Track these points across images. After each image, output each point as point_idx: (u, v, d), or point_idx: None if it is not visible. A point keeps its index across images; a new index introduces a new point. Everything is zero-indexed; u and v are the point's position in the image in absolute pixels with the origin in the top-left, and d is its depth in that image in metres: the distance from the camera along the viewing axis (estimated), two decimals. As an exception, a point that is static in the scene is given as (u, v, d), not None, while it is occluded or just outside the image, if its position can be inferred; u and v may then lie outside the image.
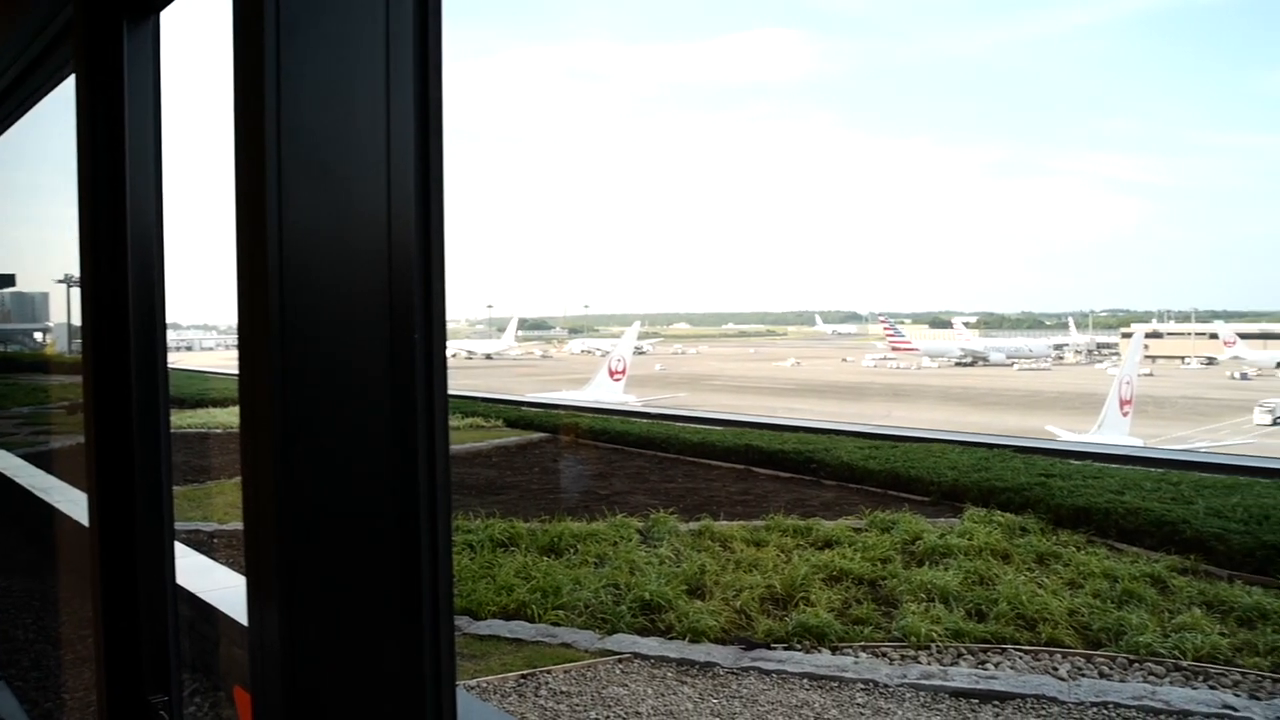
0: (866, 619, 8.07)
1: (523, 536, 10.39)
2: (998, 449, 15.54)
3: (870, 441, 16.76)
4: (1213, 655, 7.31)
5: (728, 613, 8.14)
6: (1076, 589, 8.81)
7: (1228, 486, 12.25)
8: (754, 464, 15.99)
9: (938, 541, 10.17)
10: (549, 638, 7.71)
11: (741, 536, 10.58)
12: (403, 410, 1.52)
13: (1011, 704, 6.47)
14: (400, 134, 1.59)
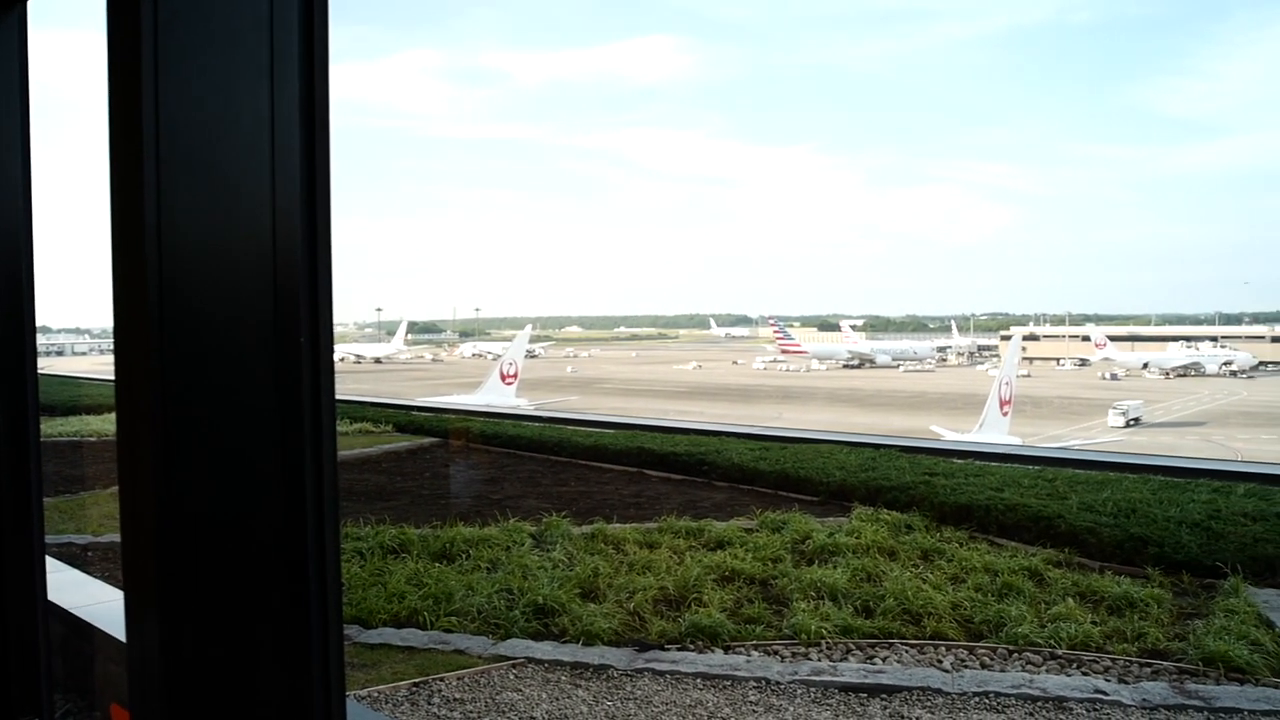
0: (758, 618, 8.16)
1: (414, 543, 10.24)
2: (884, 449, 15.90)
3: (761, 443, 16.98)
4: (1085, 643, 7.61)
5: (621, 615, 8.16)
6: (959, 583, 9.07)
7: (1098, 482, 12.77)
8: (646, 466, 16.05)
9: (827, 540, 10.36)
10: (442, 644, 7.61)
11: (634, 539, 10.61)
12: (288, 415, 1.48)
13: (899, 697, 6.62)
14: (285, 133, 1.55)
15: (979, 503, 11.51)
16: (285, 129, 1.52)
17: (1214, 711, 6.35)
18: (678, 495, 13.88)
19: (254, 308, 1.48)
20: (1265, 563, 9.33)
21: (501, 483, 15.34)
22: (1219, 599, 8.63)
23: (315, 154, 1.55)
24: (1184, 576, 9.38)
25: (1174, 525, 10.29)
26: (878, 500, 12.34)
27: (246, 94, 1.49)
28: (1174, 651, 7.49)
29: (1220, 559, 9.39)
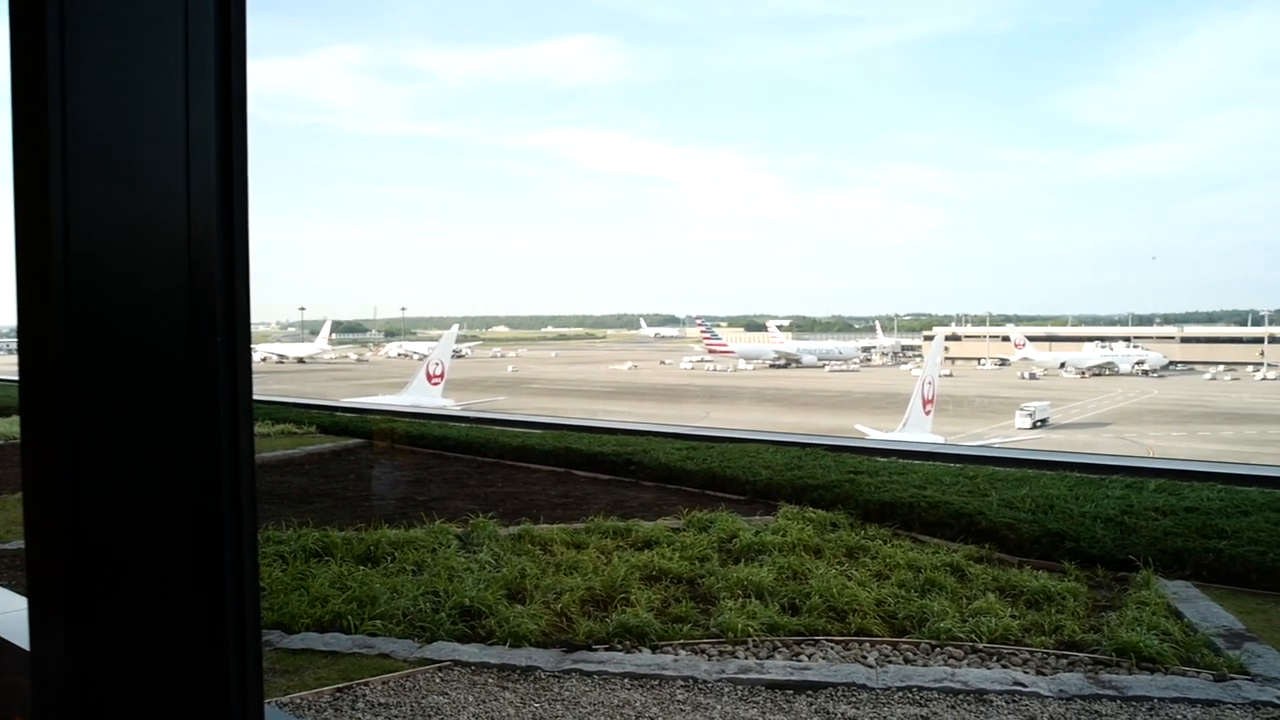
0: (685, 617, 8.19)
1: (338, 545, 10.08)
2: (810, 448, 16.07)
3: (688, 443, 17.05)
4: (1005, 637, 7.77)
5: (548, 616, 8.13)
6: (883, 580, 9.20)
7: (1017, 479, 13.05)
8: (574, 467, 16.02)
9: (753, 539, 10.44)
10: (366, 649, 7.51)
11: (562, 539, 10.58)
12: (204, 417, 1.45)
13: (824, 693, 6.69)
14: (201, 130, 1.52)
15: (902, 500, 11.70)
16: (201, 124, 1.49)
17: (1126, 700, 6.53)
18: (605, 495, 13.88)
19: (168, 308, 1.44)
20: (1174, 555, 9.62)
21: (427, 484, 15.19)
22: (1131, 591, 8.88)
23: (233, 150, 1.52)
24: (1099, 570, 9.64)
25: (1089, 521, 10.57)
26: (803, 499, 12.47)
27: (160, 87, 1.46)
28: (1089, 643, 7.69)
29: (1133, 552, 9.67)
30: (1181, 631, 7.79)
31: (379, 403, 46.60)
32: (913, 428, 53.49)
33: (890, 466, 14.17)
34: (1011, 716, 6.32)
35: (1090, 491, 12.09)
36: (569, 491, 14.38)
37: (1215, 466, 16.06)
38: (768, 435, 19.19)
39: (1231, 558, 9.36)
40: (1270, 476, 13.93)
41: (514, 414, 37.89)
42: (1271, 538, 9.72)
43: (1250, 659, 7.24)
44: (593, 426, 21.56)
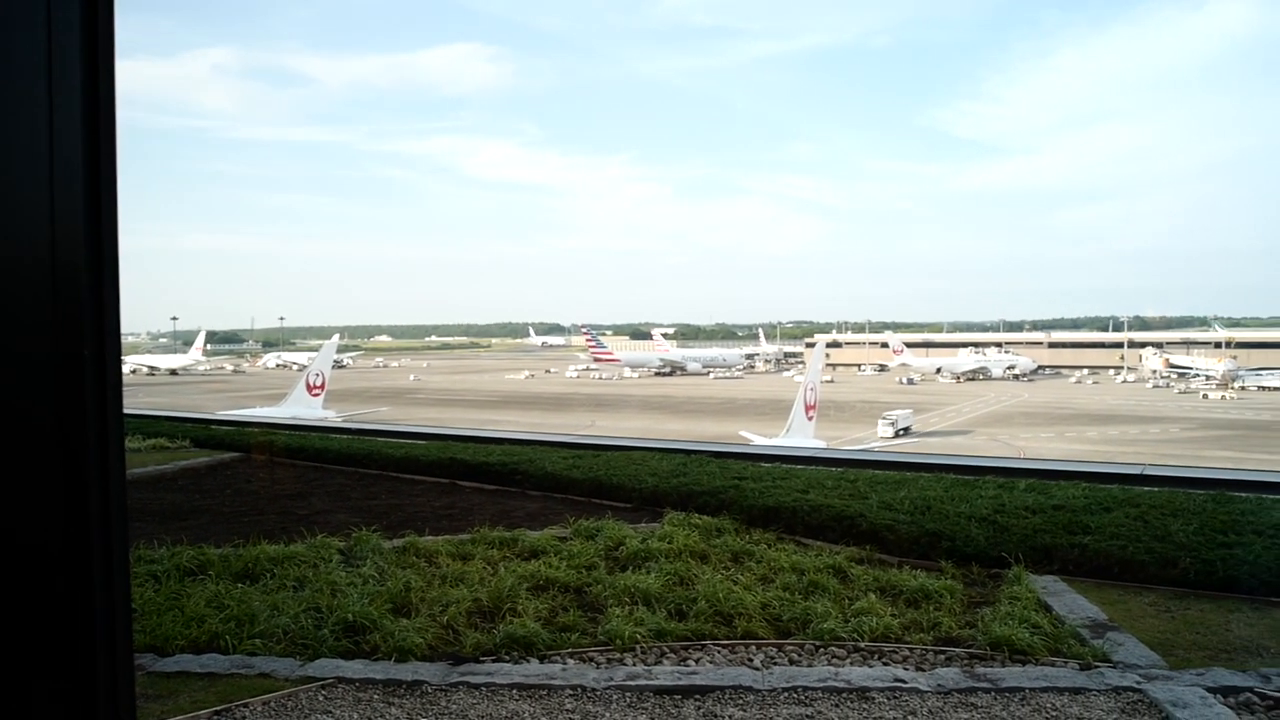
0: (573, 625, 8.17)
1: (214, 563, 9.76)
2: (695, 454, 16.24)
3: (574, 451, 17.05)
4: (886, 635, 7.96)
5: (435, 628, 8.01)
6: (768, 583, 9.33)
7: (896, 481, 13.42)
8: (459, 477, 15.87)
9: (640, 546, 10.47)
10: (245, 669, 7.29)
11: (447, 551, 10.45)
12: (71, 432, 1.39)
13: (712, 696, 6.75)
14: (66, 133, 1.45)
15: (786, 505, 11.90)
16: (66, 128, 1.44)
17: (1000, 692, 6.76)
18: (491, 505, 13.77)
19: (30, 318, 1.38)
20: (1043, 551, 10.01)
21: (308, 497, 14.83)
22: (1004, 587, 9.21)
23: (100, 155, 1.47)
24: (974, 568, 9.96)
25: (964, 520, 10.92)
26: (689, 505, 12.59)
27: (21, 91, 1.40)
28: (965, 638, 7.94)
29: (1005, 550, 10.03)
30: (1050, 624, 8.11)
31: (257, 415, 45.45)
32: (796, 433, 54.52)
33: (774, 471, 14.40)
34: (893, 712, 6.48)
35: (965, 492, 12.50)
36: (454, 502, 14.22)
37: (1080, 465, 16.80)
38: (653, 443, 19.33)
39: (1095, 552, 9.80)
40: (1129, 474, 14.64)
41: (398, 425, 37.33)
42: (1131, 532, 10.20)
43: (1112, 647, 7.58)
44: (478, 436, 21.41)
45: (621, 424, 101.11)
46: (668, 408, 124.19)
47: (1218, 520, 10.53)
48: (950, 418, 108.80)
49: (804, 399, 55.15)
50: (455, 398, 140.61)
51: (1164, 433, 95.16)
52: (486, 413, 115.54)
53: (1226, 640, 7.91)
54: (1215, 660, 7.39)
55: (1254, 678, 6.93)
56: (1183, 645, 7.77)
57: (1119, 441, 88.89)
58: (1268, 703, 6.56)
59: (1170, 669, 7.18)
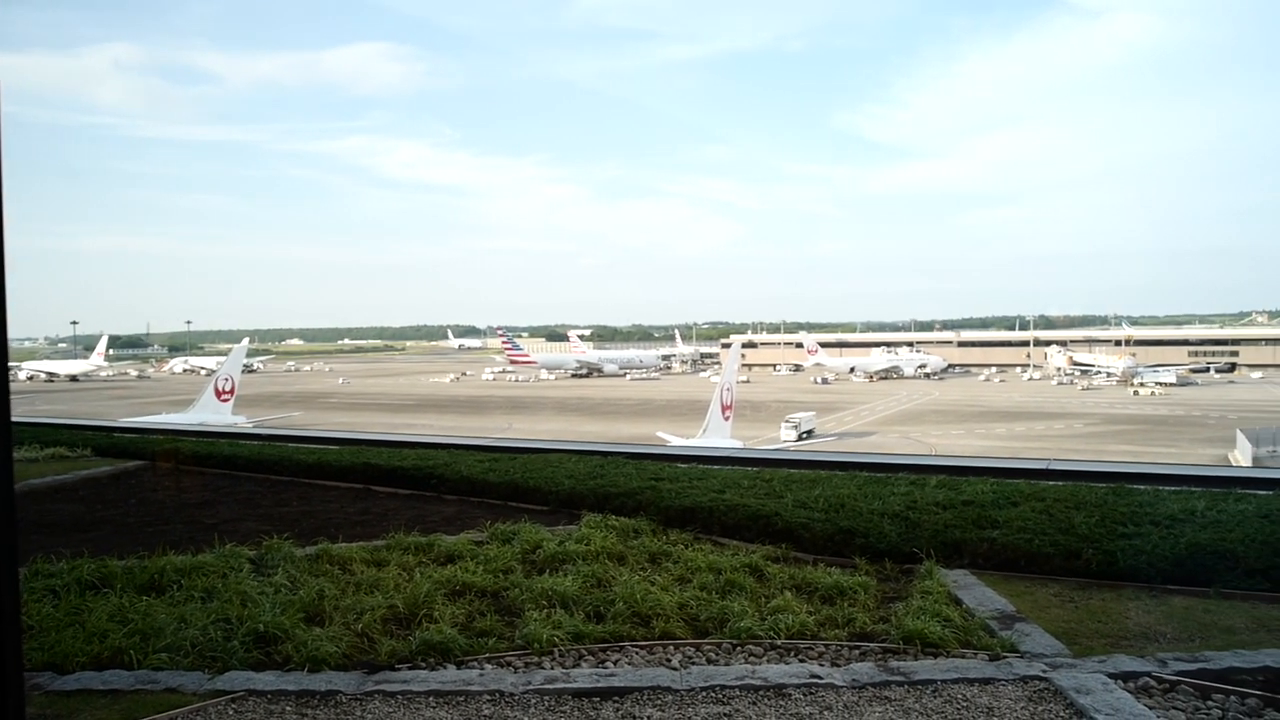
0: (491, 630, 8.11)
1: (117, 576, 9.44)
2: (612, 456, 16.24)
3: (490, 455, 16.95)
4: (802, 632, 8.06)
5: (349, 637, 7.87)
6: (686, 584, 9.37)
7: (811, 480, 13.58)
8: (373, 482, 15.67)
9: (557, 549, 10.44)
10: (151, 684, 7.07)
11: (362, 557, 10.29)
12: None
13: (630, 698, 6.75)
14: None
15: (702, 505, 11.96)
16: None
17: (913, 685, 6.88)
18: (406, 510, 13.61)
19: (-92, 324, 1.32)
20: (954, 546, 10.23)
21: (216, 506, 14.48)
22: (916, 582, 9.39)
23: (-17, 154, 1.41)
24: (887, 564, 10.14)
25: (877, 517, 11.10)
26: (606, 507, 12.59)
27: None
28: (879, 633, 8.08)
29: (917, 545, 10.23)
30: (961, 617, 8.29)
31: (163, 421, 44.31)
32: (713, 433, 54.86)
33: (691, 472, 14.47)
34: (809, 708, 6.55)
35: (878, 489, 12.70)
36: (369, 508, 14.02)
37: (988, 462, 17.21)
38: (570, 445, 19.30)
39: (1003, 545, 10.04)
40: (1035, 469, 15.05)
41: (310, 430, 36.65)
42: (1037, 525, 10.48)
43: (1020, 638, 7.79)
44: (393, 440, 21.14)
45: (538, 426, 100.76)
46: (584, 409, 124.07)
47: (1118, 512, 10.87)
48: (864, 417, 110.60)
49: (720, 399, 55.55)
50: (370, 402, 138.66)
51: (1068, 428, 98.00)
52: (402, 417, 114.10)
53: (1126, 628, 8.17)
54: (1116, 647, 7.63)
55: (1152, 663, 7.18)
56: (1086, 634, 8.01)
57: (1026, 437, 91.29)
58: (1164, 686, 6.80)
59: (1074, 657, 7.40)
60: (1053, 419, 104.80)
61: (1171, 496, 11.77)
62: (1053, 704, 6.56)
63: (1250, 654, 7.30)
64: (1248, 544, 9.46)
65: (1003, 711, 6.45)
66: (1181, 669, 7.04)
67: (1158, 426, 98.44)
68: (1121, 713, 6.27)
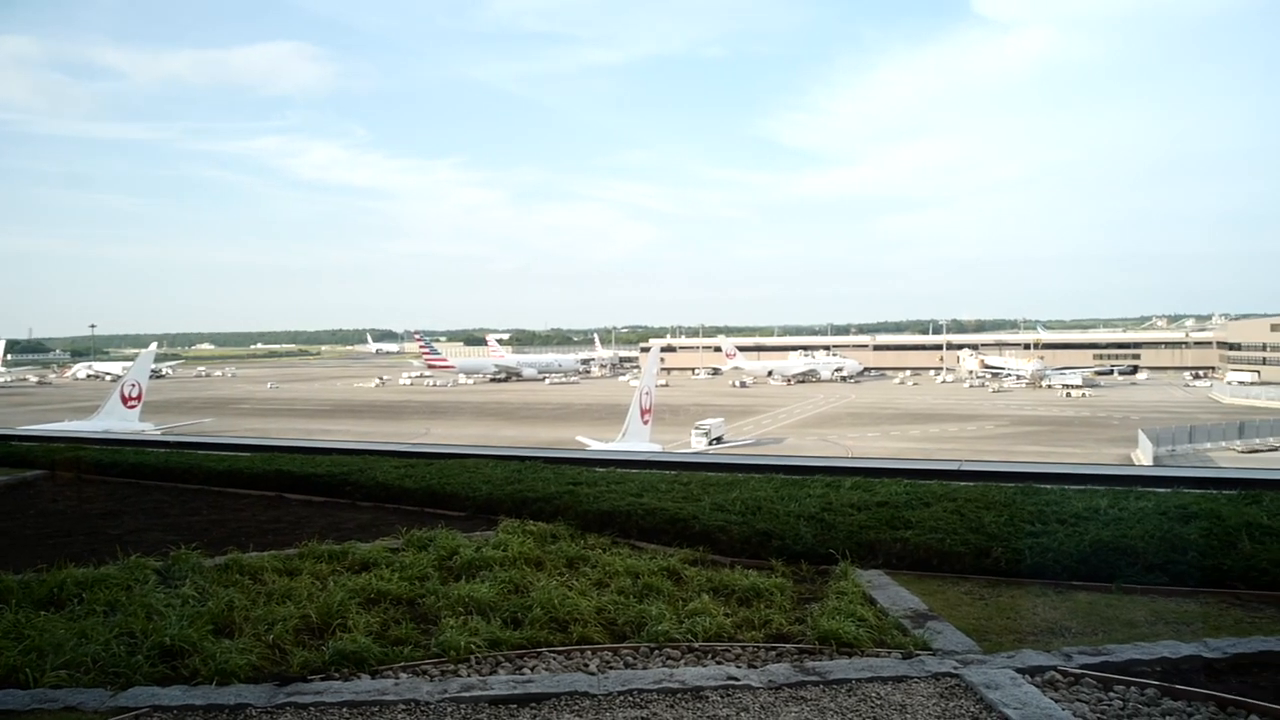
0: (406, 638, 7.99)
1: (13, 591, 9.07)
2: (529, 461, 16.15)
3: (406, 460, 16.74)
4: (719, 634, 8.09)
5: (260, 648, 7.68)
6: (604, 588, 9.35)
7: (728, 483, 13.66)
8: (286, 490, 15.36)
9: (474, 555, 10.34)
10: (49, 703, 6.81)
11: (273, 566, 10.06)
12: None
13: (548, 704, 6.71)
14: None
15: (620, 509, 11.96)
16: None
17: (828, 684, 6.96)
18: (320, 518, 13.38)
19: None
20: (868, 547, 10.37)
21: (121, 516, 14.05)
22: (832, 582, 9.50)
23: None
24: (803, 565, 10.24)
25: (793, 519, 11.20)
26: (524, 512, 12.52)
27: None
28: (795, 634, 8.15)
29: (833, 546, 10.35)
30: (875, 616, 8.41)
31: (65, 429, 43.01)
32: (632, 437, 54.97)
33: (609, 476, 14.46)
34: (726, 710, 6.58)
35: (794, 491, 12.82)
36: (281, 516, 13.74)
37: (902, 463, 17.49)
38: (488, 450, 19.15)
39: (916, 545, 10.22)
40: (947, 470, 15.35)
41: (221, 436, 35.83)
42: (949, 525, 10.68)
43: (932, 636, 7.93)
44: (306, 447, 20.76)
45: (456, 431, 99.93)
46: (503, 414, 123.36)
47: (1025, 511, 11.13)
48: (781, 420, 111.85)
49: (639, 403, 55.67)
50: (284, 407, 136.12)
51: (979, 430, 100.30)
52: (317, 422, 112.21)
53: (1034, 623, 8.38)
54: (1024, 643, 7.81)
55: (1058, 656, 7.37)
56: (995, 630, 8.19)
57: (939, 439, 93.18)
58: (1069, 679, 7.00)
59: (984, 653, 7.56)
60: (965, 421, 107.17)
61: (1076, 495, 12.08)
62: (963, 700, 6.69)
63: (1149, 646, 7.54)
64: (1147, 540, 9.77)
65: (915, 709, 6.56)
66: (1085, 662, 7.24)
67: (1064, 427, 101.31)
68: (1028, 706, 6.42)
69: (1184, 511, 10.80)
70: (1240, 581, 9.15)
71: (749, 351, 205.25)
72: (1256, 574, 9.16)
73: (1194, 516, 10.59)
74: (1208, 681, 6.92)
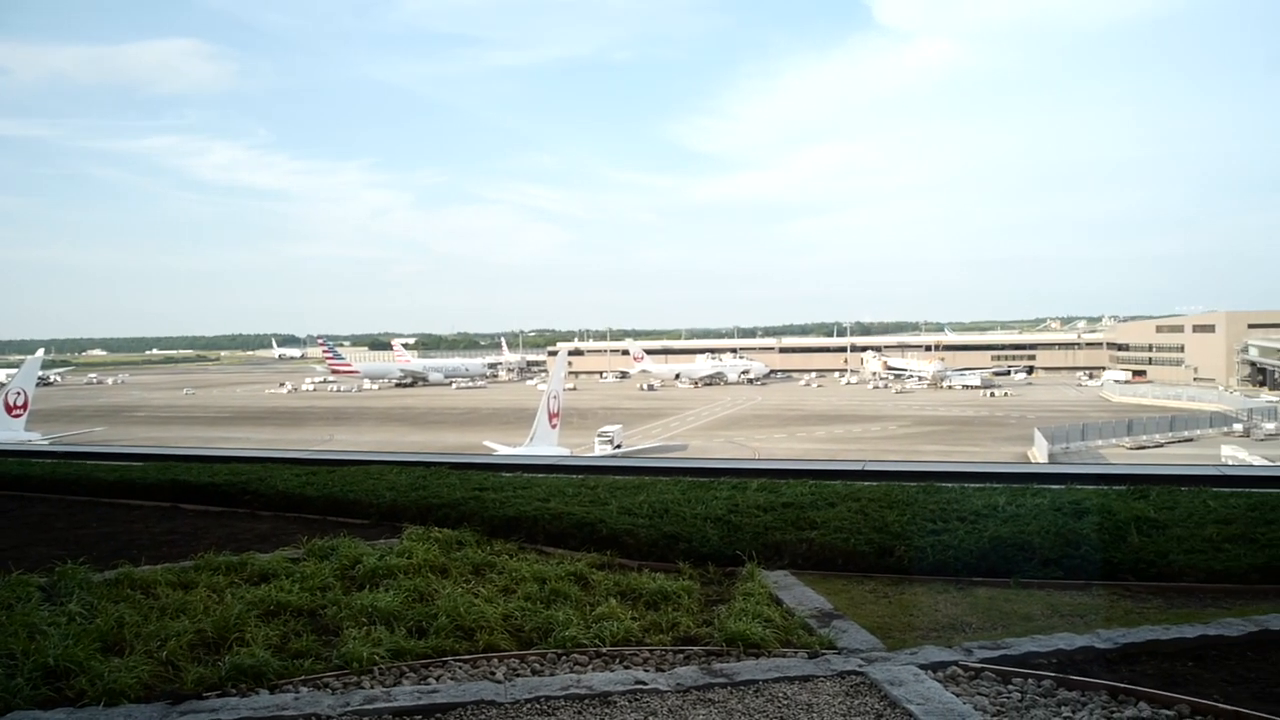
0: (307, 651, 7.77)
1: (-121, 614, 8.58)
2: (435, 467, 15.93)
3: (308, 468, 16.37)
4: (627, 639, 8.05)
5: (152, 666, 7.39)
6: (510, 594, 9.24)
7: (636, 486, 13.64)
8: (182, 500, 14.90)
9: (378, 563, 10.13)
10: (-83, 731, 6.46)
11: (167, 580, 9.71)
12: None
13: (453, 714, 6.60)
14: None
15: (527, 514, 11.85)
16: None
17: (735, 686, 6.98)
18: (218, 528, 12.99)
19: None
20: (774, 548, 10.45)
21: (1, 531, 13.45)
22: (738, 584, 9.53)
23: None
24: (710, 567, 10.26)
25: (700, 521, 11.23)
26: (429, 518, 12.34)
27: None
28: (703, 636, 8.15)
29: (739, 548, 10.39)
30: (781, 617, 8.47)
31: (-56, 441, 41.11)
32: (540, 441, 54.77)
33: (515, 481, 14.33)
34: (634, 714, 6.55)
35: (701, 494, 12.86)
36: (176, 527, 13.31)
37: (808, 464, 17.71)
38: (393, 456, 18.86)
39: (821, 545, 10.34)
40: (851, 470, 15.56)
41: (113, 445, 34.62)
42: (853, 525, 10.83)
43: (837, 634, 8.01)
44: (204, 455, 20.18)
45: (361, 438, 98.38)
46: (409, 419, 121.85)
47: (927, 510, 11.34)
48: (689, 422, 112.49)
49: (547, 407, 55.50)
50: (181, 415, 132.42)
51: (883, 430, 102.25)
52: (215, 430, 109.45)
53: (936, 620, 8.53)
54: (926, 639, 7.95)
55: (959, 652, 7.51)
56: (899, 627, 8.32)
57: (844, 439, 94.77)
58: (970, 673, 7.14)
59: (888, 650, 7.66)
60: (869, 421, 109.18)
61: (976, 493, 12.35)
62: (868, 697, 6.76)
63: (1045, 638, 7.73)
64: (1043, 536, 10.03)
65: (821, 707, 6.61)
66: (985, 656, 7.39)
67: (965, 427, 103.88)
68: (931, 702, 6.52)
69: (1077, 507, 11.13)
70: (1130, 573, 9.45)
71: (657, 355, 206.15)
72: (1144, 566, 9.48)
73: (1087, 512, 10.92)
74: (1100, 671, 7.13)
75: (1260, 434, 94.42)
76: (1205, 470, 15.79)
